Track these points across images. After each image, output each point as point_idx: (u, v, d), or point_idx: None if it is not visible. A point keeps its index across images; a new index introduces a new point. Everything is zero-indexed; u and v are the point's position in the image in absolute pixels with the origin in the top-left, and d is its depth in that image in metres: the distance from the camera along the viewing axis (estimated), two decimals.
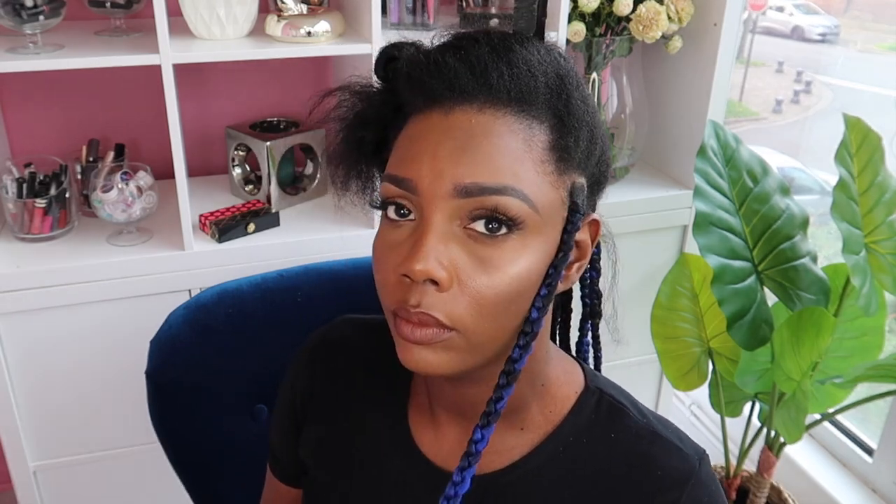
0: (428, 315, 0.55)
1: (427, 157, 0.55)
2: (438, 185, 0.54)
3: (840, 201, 1.17)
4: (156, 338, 1.02)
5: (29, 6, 1.24)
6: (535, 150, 0.55)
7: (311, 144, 1.57)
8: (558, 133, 0.57)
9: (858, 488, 1.62)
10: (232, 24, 1.35)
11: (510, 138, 0.55)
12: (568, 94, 0.57)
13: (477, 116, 0.55)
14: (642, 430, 0.65)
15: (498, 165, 0.54)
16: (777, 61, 2.60)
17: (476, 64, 0.55)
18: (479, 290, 0.54)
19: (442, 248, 0.54)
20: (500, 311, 0.56)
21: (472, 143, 0.54)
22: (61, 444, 1.45)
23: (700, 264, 1.44)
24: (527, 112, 0.56)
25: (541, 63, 0.56)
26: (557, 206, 0.57)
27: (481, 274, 0.54)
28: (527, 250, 0.55)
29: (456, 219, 0.55)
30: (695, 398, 2.00)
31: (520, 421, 0.66)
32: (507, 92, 0.55)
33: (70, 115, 1.59)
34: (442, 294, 0.54)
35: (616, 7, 1.47)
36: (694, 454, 0.65)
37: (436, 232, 0.54)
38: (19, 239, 1.38)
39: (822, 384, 1.37)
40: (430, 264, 0.53)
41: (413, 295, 0.55)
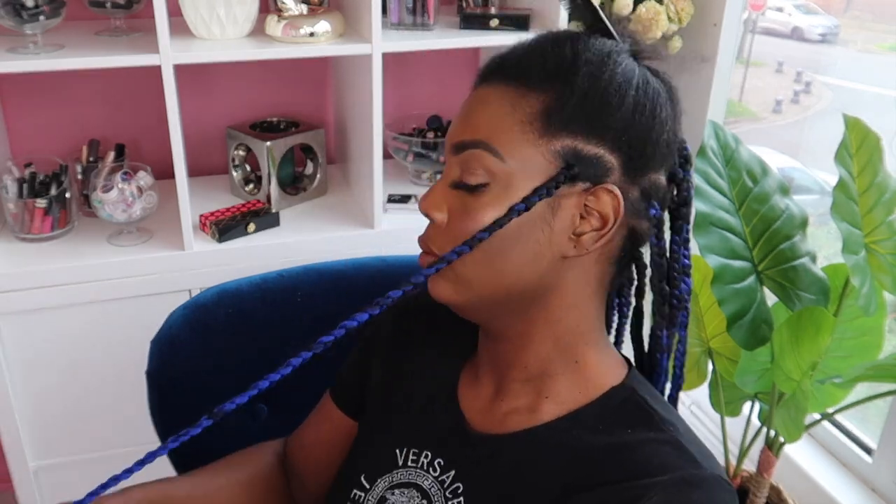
0: (424, 244, 0.68)
1: (453, 126, 0.68)
2: (448, 144, 0.68)
3: (840, 201, 1.17)
4: (156, 338, 1.02)
5: (29, 6, 1.24)
6: (519, 113, 0.64)
7: (311, 144, 1.57)
8: (554, 103, 0.63)
9: (858, 488, 1.62)
10: (232, 25, 1.35)
11: (497, 103, 0.65)
12: (576, 71, 0.64)
13: (486, 89, 0.66)
14: (662, 433, 0.63)
15: (478, 124, 0.65)
16: (777, 61, 2.60)
17: (510, 55, 0.67)
18: (457, 230, 0.65)
19: (441, 195, 0.67)
20: (476, 252, 0.65)
21: (470, 110, 0.67)
22: (61, 444, 1.45)
23: (700, 264, 1.43)
24: (525, 85, 0.64)
25: (554, 46, 0.66)
26: (535, 160, 0.63)
27: (462, 217, 0.65)
28: (499, 201, 0.64)
29: (458, 170, 0.66)
30: (695, 398, 2.00)
31: (546, 389, 0.69)
32: (513, 69, 0.66)
33: (70, 115, 1.59)
34: (437, 228, 0.67)
35: (616, 7, 1.47)
36: (708, 468, 0.61)
37: (443, 181, 0.67)
38: (19, 239, 1.38)
39: (822, 384, 1.37)
40: (427, 205, 0.67)
41: (426, 228, 0.69)
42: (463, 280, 0.66)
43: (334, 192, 1.63)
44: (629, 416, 0.66)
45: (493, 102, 0.65)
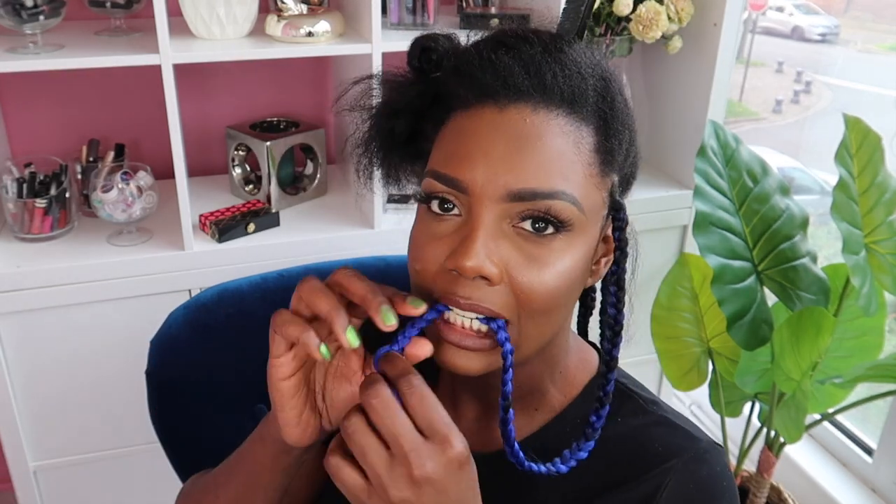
0: (479, 305, 0.56)
1: (480, 158, 0.55)
2: (492, 189, 0.54)
3: (840, 201, 1.18)
4: (156, 338, 1.02)
5: (29, 6, 1.24)
6: (584, 152, 0.56)
7: (311, 144, 1.57)
8: (603, 135, 0.58)
9: (858, 488, 1.62)
10: (232, 24, 1.35)
11: (562, 140, 0.55)
12: (612, 97, 0.58)
13: (531, 116, 0.55)
14: (650, 415, 0.66)
15: (550, 169, 0.54)
16: (777, 61, 2.60)
17: (530, 62, 0.55)
18: (529, 285, 0.56)
19: (492, 246, 0.55)
20: (550, 306, 0.57)
21: (525, 145, 0.54)
22: (61, 444, 1.45)
23: (700, 264, 1.44)
24: (577, 114, 0.56)
25: (588, 65, 0.57)
26: (599, 205, 0.58)
27: (530, 269, 0.56)
28: (572, 248, 0.57)
29: (506, 218, 0.56)
30: (695, 398, 2.00)
31: (535, 403, 0.68)
32: (560, 93, 0.55)
33: (70, 115, 1.59)
34: (493, 287, 0.56)
35: (616, 7, 1.47)
36: (703, 439, 0.64)
37: (486, 230, 0.55)
38: (19, 239, 1.38)
39: (822, 384, 1.37)
40: (482, 261, 0.54)
41: (462, 288, 0.56)
42: (526, 337, 0.58)
43: (334, 192, 1.63)
44: (615, 403, 0.66)
45: (555, 137, 0.55)
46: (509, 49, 0.56)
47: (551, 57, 0.56)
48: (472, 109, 0.57)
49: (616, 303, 0.63)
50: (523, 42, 0.57)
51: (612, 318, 0.63)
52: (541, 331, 0.59)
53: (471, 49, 0.59)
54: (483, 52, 0.57)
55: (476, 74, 0.56)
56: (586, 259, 0.59)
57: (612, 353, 0.62)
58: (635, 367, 1.78)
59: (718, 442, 0.67)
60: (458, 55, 0.59)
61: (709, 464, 0.63)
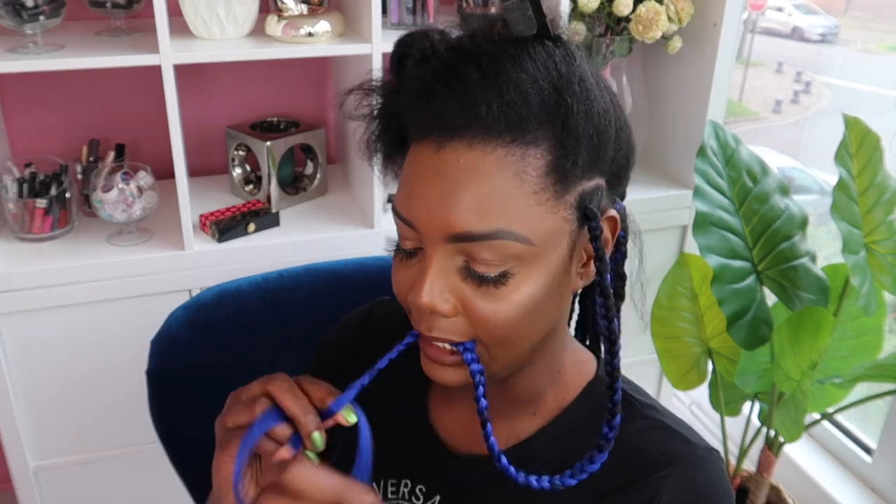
0: (435, 345, 0.59)
1: (421, 201, 0.56)
2: (434, 231, 0.56)
3: (840, 201, 1.18)
4: (156, 338, 1.02)
5: (29, 6, 1.24)
6: (529, 182, 0.55)
7: (311, 144, 1.57)
8: (558, 152, 0.55)
9: (858, 488, 1.62)
10: (232, 24, 1.35)
11: (500, 176, 0.54)
12: (567, 108, 0.55)
13: (466, 154, 0.54)
14: (648, 420, 0.66)
15: (486, 209, 0.54)
16: (777, 61, 2.60)
17: (465, 95, 0.54)
18: (485, 318, 0.57)
19: (443, 283, 0.57)
20: (511, 335, 0.58)
21: (460, 187, 0.54)
22: (61, 444, 1.45)
23: (700, 264, 1.44)
24: (520, 140, 0.54)
25: (535, 80, 0.54)
26: (558, 227, 0.57)
27: (486, 302, 0.57)
28: (529, 279, 0.57)
29: (457, 254, 0.56)
30: (695, 398, 2.00)
31: (533, 407, 0.68)
32: (498, 123, 0.54)
33: (70, 115, 1.59)
34: (451, 319, 0.58)
35: (616, 7, 1.47)
36: (700, 444, 0.64)
37: (437, 267, 0.56)
38: (20, 239, 1.38)
39: (822, 384, 1.37)
40: (433, 297, 0.56)
41: (423, 321, 0.59)
42: (494, 358, 0.60)
43: (334, 192, 1.63)
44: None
45: (491, 174, 0.54)
46: (447, 78, 0.55)
47: (489, 83, 0.54)
48: (420, 144, 0.57)
49: (606, 313, 0.60)
50: (464, 67, 0.55)
51: (604, 330, 0.61)
52: (510, 351, 0.60)
53: (419, 80, 0.57)
54: (425, 84, 0.56)
55: (417, 112, 0.57)
56: (553, 280, 0.58)
57: (612, 363, 0.61)
58: (635, 367, 1.78)
59: (715, 446, 0.67)
60: (408, 88, 0.58)
61: (706, 470, 0.63)
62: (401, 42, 0.60)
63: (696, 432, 0.67)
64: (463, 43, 0.57)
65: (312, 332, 1.08)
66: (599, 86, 0.58)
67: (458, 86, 0.54)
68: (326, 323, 0.85)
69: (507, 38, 0.57)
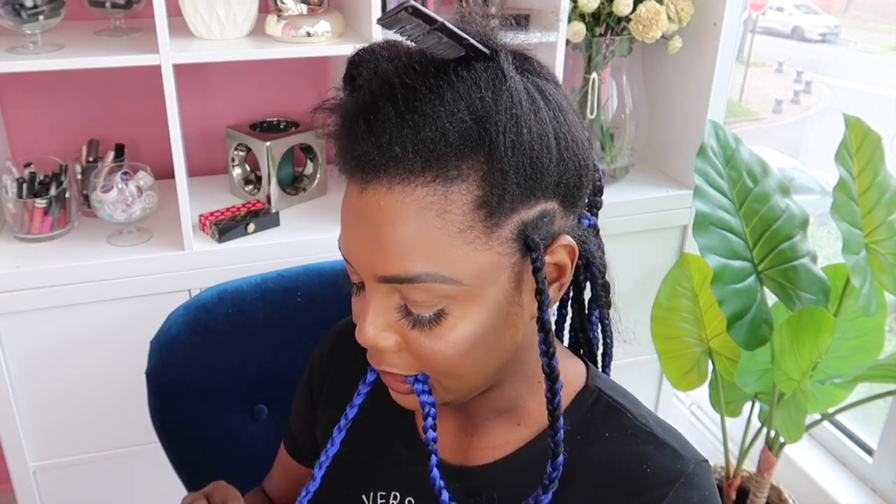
0: (389, 373, 0.60)
1: (352, 243, 0.57)
2: (366, 272, 0.56)
3: (840, 201, 1.17)
4: (156, 338, 1.02)
5: (29, 6, 1.24)
6: (453, 221, 0.53)
7: (311, 144, 1.57)
8: (486, 186, 0.53)
9: (858, 488, 1.62)
10: (232, 24, 1.35)
11: (420, 218, 0.52)
12: (490, 138, 0.52)
13: (385, 198, 0.53)
14: (638, 431, 0.65)
15: (407, 253, 0.53)
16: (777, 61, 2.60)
17: (382, 134, 0.52)
18: (425, 354, 0.57)
19: (382, 320, 0.57)
20: (455, 369, 0.58)
21: (381, 231, 0.53)
22: (61, 445, 1.45)
23: (700, 264, 1.44)
24: (442, 177, 0.52)
25: (454, 113, 0.52)
26: (492, 263, 0.55)
27: (426, 340, 0.56)
28: (467, 316, 0.56)
29: (394, 293, 0.56)
30: (695, 398, 2.00)
31: (516, 418, 0.68)
32: (414, 162, 0.52)
33: (70, 115, 1.59)
34: (396, 353, 0.58)
35: (616, 7, 1.47)
36: (691, 458, 0.63)
37: (376, 305, 0.57)
38: (19, 239, 1.38)
39: (822, 384, 1.37)
40: (372, 336, 0.57)
41: (372, 356, 0.60)
42: (448, 388, 0.60)
43: (334, 192, 1.63)
44: (603, 419, 0.66)
45: (411, 217, 0.52)
46: (367, 115, 0.53)
47: (404, 121, 0.52)
48: (348, 181, 0.57)
49: (546, 349, 0.58)
50: (383, 102, 0.53)
51: (545, 367, 0.59)
52: (462, 383, 0.60)
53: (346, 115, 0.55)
54: (348, 118, 0.54)
55: (340, 150, 0.56)
56: (495, 314, 0.57)
57: (553, 401, 0.59)
58: (635, 367, 1.78)
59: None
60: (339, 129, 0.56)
61: (699, 489, 0.62)
62: (351, 61, 0.58)
63: (686, 440, 0.66)
64: (388, 72, 0.54)
65: (312, 332, 1.08)
66: (536, 103, 0.54)
67: (375, 124, 0.52)
68: (326, 323, 0.85)
69: (433, 64, 0.54)
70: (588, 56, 1.57)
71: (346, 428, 0.65)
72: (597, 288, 0.69)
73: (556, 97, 0.57)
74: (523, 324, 0.60)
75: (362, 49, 0.58)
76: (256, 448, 1.09)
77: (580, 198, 0.60)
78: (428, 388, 0.60)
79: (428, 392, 0.60)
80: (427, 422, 0.61)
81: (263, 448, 1.09)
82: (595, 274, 0.68)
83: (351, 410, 0.64)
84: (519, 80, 0.54)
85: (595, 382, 0.69)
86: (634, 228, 1.64)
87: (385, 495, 0.71)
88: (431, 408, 0.60)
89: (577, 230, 0.61)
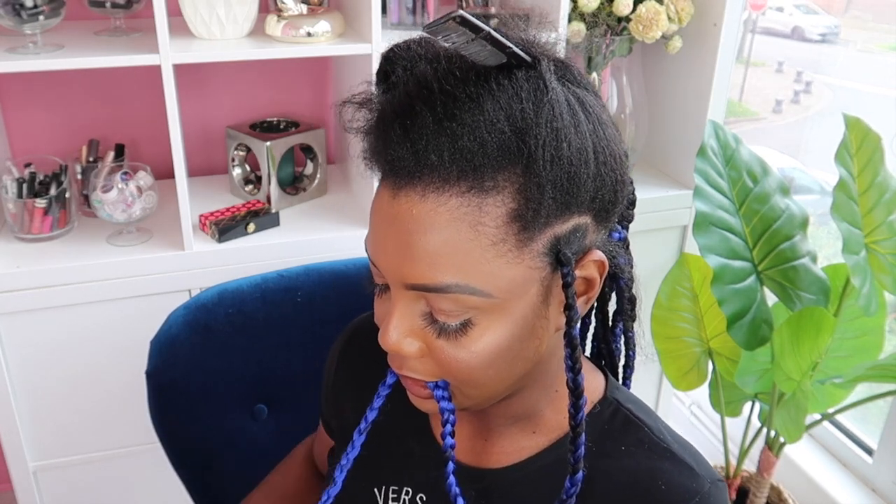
0: (411, 379, 0.59)
1: (380, 247, 0.56)
2: (393, 278, 0.56)
3: (840, 201, 1.17)
4: (156, 338, 1.02)
5: (29, 6, 1.24)
6: (486, 234, 0.52)
7: (311, 144, 1.57)
8: (521, 199, 0.52)
9: (858, 488, 1.62)
10: (232, 24, 1.35)
11: (453, 229, 0.52)
12: (529, 153, 0.51)
13: (419, 206, 0.52)
14: (655, 446, 0.64)
15: (438, 263, 0.52)
16: (777, 61, 2.60)
17: (418, 140, 0.51)
18: (448, 363, 0.57)
19: (407, 325, 0.56)
20: (477, 379, 0.58)
21: (412, 239, 0.53)
22: (61, 445, 1.45)
23: (700, 264, 1.44)
24: (477, 188, 0.51)
25: (494, 123, 0.51)
26: (523, 277, 0.54)
27: (450, 349, 0.56)
28: (493, 327, 0.55)
29: (420, 300, 0.56)
30: (695, 398, 2.00)
31: (532, 425, 0.67)
32: (450, 171, 0.51)
33: (70, 115, 1.59)
34: (419, 359, 0.58)
35: (616, 7, 1.47)
36: (707, 477, 0.63)
37: (401, 310, 0.56)
38: (19, 239, 1.38)
39: (822, 384, 1.37)
40: (396, 342, 0.56)
41: (394, 360, 0.60)
42: (468, 396, 0.60)
43: (334, 192, 1.63)
44: (620, 432, 0.66)
45: (445, 227, 0.52)
46: (404, 119, 0.52)
47: (442, 128, 0.50)
48: (380, 183, 0.56)
49: (572, 365, 0.58)
50: (421, 107, 0.52)
51: (570, 382, 0.58)
52: (483, 391, 0.59)
53: (381, 118, 0.55)
54: (384, 119, 0.54)
55: (373, 152, 0.55)
56: (521, 327, 0.56)
57: (576, 417, 0.58)
58: (635, 367, 1.77)
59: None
60: (384, 105, 0.55)
61: None
62: (385, 56, 0.58)
63: (702, 458, 0.65)
64: (427, 75, 0.53)
65: (312, 332, 1.08)
66: (577, 116, 0.54)
67: (412, 130, 0.51)
68: (326, 323, 0.85)
69: (473, 71, 0.53)
70: (588, 56, 1.57)
71: (366, 431, 0.65)
72: (623, 301, 0.69)
73: (596, 110, 0.56)
74: (548, 336, 0.60)
75: (397, 45, 0.57)
76: (256, 448, 1.09)
77: (614, 213, 0.59)
78: (448, 394, 0.59)
79: (448, 399, 0.59)
80: (446, 428, 0.60)
81: (263, 448, 1.09)
82: (622, 287, 0.67)
83: (371, 413, 0.64)
84: (560, 91, 0.53)
85: (614, 395, 0.68)
86: (634, 228, 1.62)
87: (397, 490, 0.72)
88: (451, 414, 0.60)
89: (608, 244, 0.60)
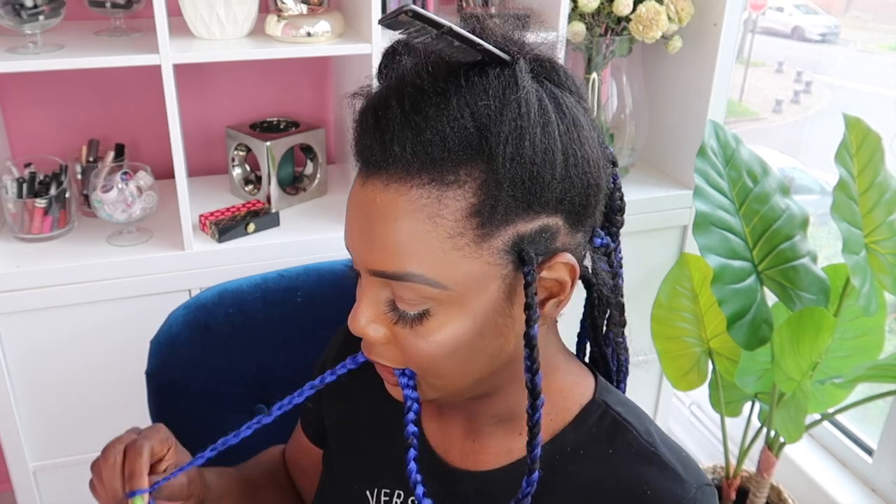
0: (381, 365, 0.61)
1: (349, 233, 0.58)
2: (360, 264, 0.58)
3: (840, 201, 1.17)
4: (156, 338, 1.02)
5: (29, 6, 1.24)
6: (444, 226, 0.53)
7: (311, 144, 1.57)
8: (482, 193, 0.53)
9: (858, 488, 1.62)
10: (232, 24, 1.35)
11: (413, 219, 0.53)
12: (491, 147, 0.52)
13: (381, 194, 0.54)
14: (643, 450, 0.64)
15: (397, 251, 0.54)
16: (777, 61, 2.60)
17: (385, 131, 0.53)
18: (409, 351, 0.58)
19: (372, 311, 0.58)
20: (437, 369, 0.59)
21: (374, 226, 0.55)
22: (61, 445, 1.45)
23: (700, 264, 1.44)
24: (438, 181, 0.52)
25: (457, 118, 0.51)
26: (481, 272, 0.55)
27: (410, 337, 0.57)
28: (452, 320, 0.56)
29: (385, 287, 0.57)
30: (695, 398, 2.00)
31: (518, 426, 0.67)
32: (412, 163, 0.52)
33: (70, 115, 1.59)
34: (385, 345, 0.59)
35: (616, 7, 1.47)
36: (693, 482, 0.62)
37: (369, 297, 0.58)
38: (19, 239, 1.38)
39: (822, 384, 1.37)
40: (363, 327, 0.58)
41: (364, 346, 0.62)
42: (435, 386, 0.61)
43: (334, 192, 1.63)
44: (607, 435, 0.65)
45: (404, 217, 0.53)
46: (376, 111, 0.54)
47: (407, 121, 0.52)
48: (357, 172, 0.58)
49: (530, 365, 0.57)
50: (391, 100, 0.53)
51: (528, 383, 0.57)
52: (446, 383, 0.60)
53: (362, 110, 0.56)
54: (363, 111, 0.56)
55: (353, 144, 0.57)
56: (482, 323, 0.57)
57: (533, 417, 0.58)
58: (635, 367, 1.77)
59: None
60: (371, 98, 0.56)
61: None
62: (384, 52, 0.59)
63: (691, 462, 0.65)
64: (406, 70, 0.55)
65: (312, 332, 1.08)
66: (547, 116, 0.53)
67: (381, 121, 0.53)
68: (326, 323, 0.85)
69: (447, 67, 0.54)
70: (588, 56, 1.57)
71: (316, 388, 0.66)
72: (610, 307, 0.69)
73: (573, 111, 0.56)
74: (515, 335, 0.59)
75: (396, 42, 0.58)
76: (256, 448, 1.09)
77: (588, 216, 0.59)
78: (413, 383, 0.61)
79: (412, 388, 0.61)
80: (408, 416, 0.61)
81: (263, 448, 1.09)
82: (604, 294, 0.67)
83: (330, 376, 0.65)
84: (533, 89, 0.53)
85: (603, 397, 0.68)
86: (634, 228, 1.64)
87: (389, 493, 0.72)
88: (414, 403, 0.61)
89: (585, 249, 0.60)
